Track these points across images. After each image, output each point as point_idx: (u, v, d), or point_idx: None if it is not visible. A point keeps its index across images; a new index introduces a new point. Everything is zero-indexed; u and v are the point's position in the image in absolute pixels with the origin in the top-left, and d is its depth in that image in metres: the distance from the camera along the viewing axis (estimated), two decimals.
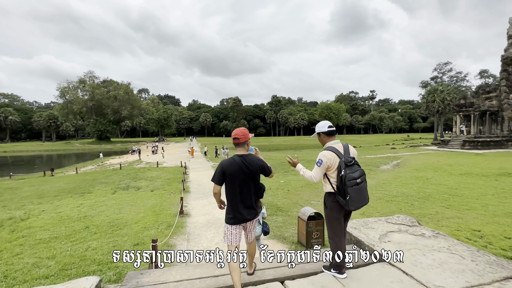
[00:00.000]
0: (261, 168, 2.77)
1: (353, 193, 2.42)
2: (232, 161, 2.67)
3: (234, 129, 2.80)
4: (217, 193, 2.76)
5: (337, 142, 2.72)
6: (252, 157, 2.79)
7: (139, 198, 9.57)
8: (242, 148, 2.73)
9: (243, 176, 2.62)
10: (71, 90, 65.76)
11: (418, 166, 16.78)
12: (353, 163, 2.53)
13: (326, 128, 2.74)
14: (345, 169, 2.46)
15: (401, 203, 8.33)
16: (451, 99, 41.16)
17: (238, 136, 2.67)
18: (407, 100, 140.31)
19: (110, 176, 16.09)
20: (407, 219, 3.29)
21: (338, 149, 2.62)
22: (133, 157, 34.43)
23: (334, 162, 2.57)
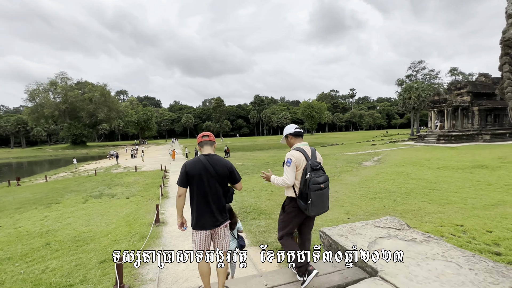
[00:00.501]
0: (229, 171, 2.54)
1: (315, 198, 2.38)
2: (197, 161, 2.46)
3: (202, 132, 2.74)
4: (181, 196, 2.51)
5: (305, 144, 2.69)
6: (219, 157, 2.59)
7: (113, 206, 8.88)
8: (209, 147, 2.56)
9: (209, 178, 2.41)
10: (41, 93, 61.81)
11: (398, 161, 17.15)
12: (319, 168, 2.50)
13: (293, 129, 2.74)
14: (310, 173, 2.42)
15: (385, 199, 8.29)
16: (425, 95, 42.94)
17: (208, 134, 2.62)
18: (385, 98, 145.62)
19: (83, 183, 15.05)
20: (396, 222, 3.06)
21: (306, 151, 2.59)
22: (111, 161, 32.83)
23: (302, 163, 2.51)
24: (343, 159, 20.02)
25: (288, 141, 2.83)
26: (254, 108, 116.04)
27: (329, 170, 14.81)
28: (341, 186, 10.58)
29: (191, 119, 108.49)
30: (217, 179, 2.45)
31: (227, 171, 2.50)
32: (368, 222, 3.13)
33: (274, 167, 17.85)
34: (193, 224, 2.53)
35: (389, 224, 3.04)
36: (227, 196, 2.58)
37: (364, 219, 6.52)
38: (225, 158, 2.76)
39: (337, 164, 17.00)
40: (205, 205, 2.44)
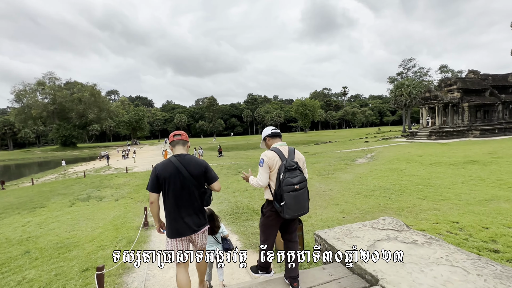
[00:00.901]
0: (204, 170, 2.35)
1: (289, 200, 2.27)
2: (168, 162, 2.27)
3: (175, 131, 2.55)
4: (154, 203, 2.28)
5: (282, 144, 2.58)
6: (192, 157, 2.38)
7: (100, 210, 8.54)
8: (181, 147, 2.38)
9: (182, 180, 2.23)
10: (28, 93, 60.06)
11: (391, 158, 17.19)
12: (294, 168, 2.36)
13: (270, 131, 2.64)
14: (284, 173, 2.32)
15: (379, 197, 8.19)
16: (416, 92, 43.44)
17: (180, 133, 2.44)
18: (377, 95, 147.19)
19: (71, 186, 14.57)
20: (394, 222, 2.89)
21: (282, 150, 2.47)
22: (101, 163, 32.11)
23: (275, 163, 2.41)
24: (336, 156, 19.99)
25: (266, 144, 2.70)
26: (248, 107, 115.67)
27: (323, 168, 14.72)
28: (335, 184, 10.47)
29: (184, 119, 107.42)
30: (191, 181, 2.26)
31: (201, 171, 2.33)
32: (365, 224, 2.95)
33: None
34: (168, 233, 2.33)
35: (388, 225, 2.86)
36: (203, 198, 2.39)
37: (359, 217, 6.39)
38: (199, 158, 2.55)
39: (330, 162, 16.92)
40: (180, 210, 2.26)
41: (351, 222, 6.17)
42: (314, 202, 8.01)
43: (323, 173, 13.26)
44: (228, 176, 14.19)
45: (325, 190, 9.59)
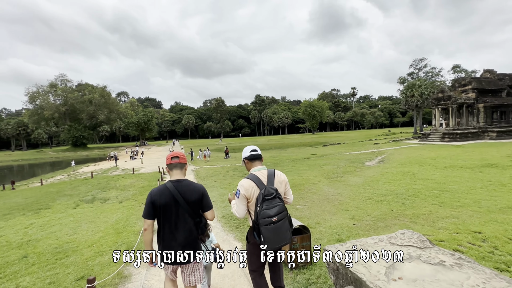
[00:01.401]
0: (201, 198, 2.24)
1: (266, 233, 2.14)
2: (164, 188, 2.16)
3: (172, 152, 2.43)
4: (147, 230, 2.19)
5: (261, 168, 2.40)
6: (190, 182, 2.27)
7: (104, 212, 8.41)
8: (178, 171, 2.26)
9: (178, 208, 2.14)
10: (41, 95, 61.62)
11: (402, 160, 16.58)
12: (273, 196, 2.21)
13: (248, 153, 2.44)
14: (261, 204, 2.17)
15: (392, 202, 7.76)
16: (428, 93, 42.24)
17: (178, 155, 2.30)
18: (387, 96, 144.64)
19: (78, 186, 14.62)
20: (415, 237, 2.55)
21: (260, 177, 2.29)
22: (110, 163, 32.44)
23: (253, 193, 2.25)
24: (345, 158, 19.47)
25: (245, 166, 2.52)
26: (255, 108, 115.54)
27: (331, 171, 14.29)
28: (345, 188, 10.05)
29: (191, 120, 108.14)
30: (187, 209, 2.17)
31: (198, 197, 2.22)
32: (382, 238, 2.61)
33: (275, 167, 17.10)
34: (160, 258, 2.27)
35: (408, 240, 2.52)
36: (199, 227, 2.30)
37: (371, 225, 6.00)
38: (197, 182, 2.41)
39: (339, 164, 16.46)
40: (173, 239, 2.18)
41: (363, 229, 5.80)
42: (322, 207, 7.65)
43: (332, 176, 12.84)
44: (234, 178, 13.94)
45: (334, 194, 9.20)
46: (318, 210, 7.40)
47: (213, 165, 21.29)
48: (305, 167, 16.28)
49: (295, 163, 18.71)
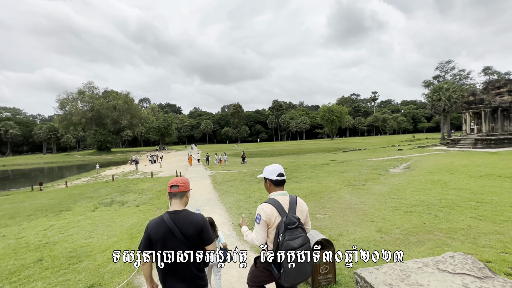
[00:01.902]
0: (200, 231, 2.05)
1: (288, 268, 1.97)
2: (160, 221, 2.02)
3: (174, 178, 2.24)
4: (145, 265, 2.08)
5: (283, 194, 2.24)
6: (189, 213, 2.09)
7: (120, 216, 8.40)
8: (178, 201, 2.10)
9: (174, 242, 1.99)
10: (70, 102, 65.41)
11: (431, 168, 15.45)
12: (296, 226, 2.05)
13: (275, 177, 2.23)
14: (284, 233, 2.01)
15: (423, 214, 7.05)
16: (457, 97, 39.77)
17: (178, 183, 2.11)
18: (410, 100, 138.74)
19: (99, 189, 14.98)
20: (469, 262, 2.08)
21: (281, 203, 2.14)
22: (131, 167, 33.41)
23: (274, 220, 2.09)
24: (367, 165, 18.54)
25: (266, 186, 2.33)
26: (272, 113, 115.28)
27: (353, 178, 13.57)
28: (368, 197, 9.40)
29: (210, 125, 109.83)
30: (185, 243, 2.01)
31: (197, 231, 2.05)
32: (426, 262, 2.17)
33: (292, 173, 16.84)
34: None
35: (461, 266, 2.06)
36: (201, 261, 2.12)
37: (401, 239, 5.41)
38: (197, 213, 2.18)
39: (361, 171, 15.65)
40: (172, 275, 2.03)
41: (392, 244, 5.23)
42: (345, 217, 7.11)
43: (354, 183, 12.16)
44: (250, 183, 13.64)
45: (356, 203, 8.60)
46: (340, 220, 6.88)
47: (230, 170, 21.14)
48: (325, 174, 15.64)
49: (313, 169, 18.09)
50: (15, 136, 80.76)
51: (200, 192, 12.05)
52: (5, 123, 79.72)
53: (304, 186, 11.78)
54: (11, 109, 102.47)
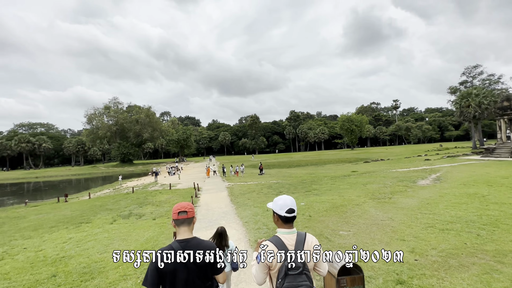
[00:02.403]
0: (214, 259, 1.92)
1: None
2: (170, 251, 1.88)
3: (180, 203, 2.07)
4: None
5: (291, 232, 1.97)
6: (201, 241, 1.97)
7: (136, 229, 8.32)
8: (186, 228, 1.98)
9: (186, 273, 1.84)
10: (97, 116, 69.22)
11: (464, 180, 14.20)
12: (299, 272, 1.80)
13: (283, 213, 1.94)
14: (283, 279, 1.78)
15: (462, 232, 6.27)
16: (488, 102, 37.21)
17: (186, 209, 1.98)
18: (435, 108, 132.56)
19: (119, 201, 15.24)
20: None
21: (286, 243, 1.90)
22: (151, 179, 34.15)
23: (275, 261, 1.86)
24: (392, 176, 17.47)
25: (273, 219, 2.09)
26: (290, 124, 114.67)
27: (377, 190, 12.74)
28: (396, 212, 8.65)
29: (227, 137, 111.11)
30: (197, 274, 1.88)
31: (210, 260, 1.92)
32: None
33: (311, 185, 16.21)
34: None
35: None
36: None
37: (440, 262, 4.75)
38: (208, 240, 2.05)
39: (386, 183, 14.71)
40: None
41: (429, 268, 4.58)
42: (371, 235, 6.50)
43: (378, 196, 11.37)
44: (268, 196, 13.22)
45: (383, 218, 7.91)
46: (366, 239, 6.28)
47: (247, 181, 20.84)
48: (346, 186, 14.88)
49: (334, 181, 17.32)
50: (47, 150, 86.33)
51: (217, 205, 11.82)
52: (39, 137, 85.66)
53: (325, 199, 11.18)
54: (45, 124, 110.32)
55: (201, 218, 9.40)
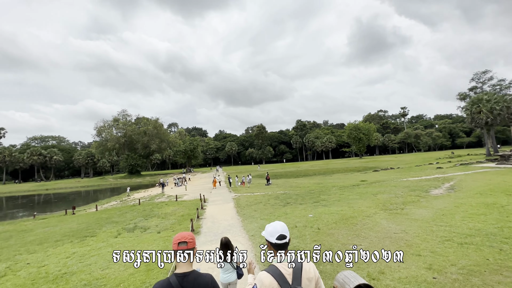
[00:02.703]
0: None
1: None
2: (167, 285, 1.80)
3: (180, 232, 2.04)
4: None
5: (287, 259, 1.90)
6: (198, 275, 1.89)
7: (141, 243, 8.14)
8: (187, 259, 1.89)
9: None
10: (106, 129, 70.60)
11: (480, 188, 13.59)
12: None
13: (274, 239, 1.90)
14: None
15: (483, 247, 5.86)
16: (500, 108, 36.26)
17: (186, 239, 1.92)
18: (445, 115, 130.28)
19: (125, 213, 15.16)
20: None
21: (283, 272, 1.82)
22: (158, 190, 34.16)
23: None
24: (403, 186, 16.91)
25: (267, 247, 2.01)
26: (297, 133, 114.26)
27: (388, 201, 12.27)
28: (410, 223, 8.23)
29: (234, 147, 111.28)
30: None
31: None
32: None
33: (320, 196, 15.81)
34: None
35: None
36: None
37: (460, 281, 4.39)
38: (206, 274, 1.95)
39: (397, 193, 14.22)
40: None
41: (448, 286, 4.22)
42: (384, 249, 6.14)
43: (390, 207, 10.93)
44: (275, 207, 12.91)
45: (396, 231, 7.53)
46: (379, 249, 5.93)
47: (254, 192, 20.54)
48: (355, 196, 14.44)
49: (343, 191, 16.87)
50: (58, 162, 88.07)
51: (222, 217, 11.58)
52: (51, 150, 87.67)
53: (334, 211, 10.81)
54: (56, 137, 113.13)
55: (207, 231, 9.17)
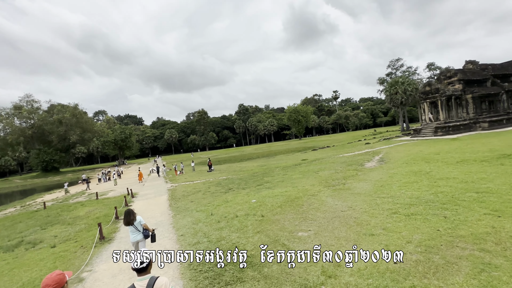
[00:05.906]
0: None
1: None
2: None
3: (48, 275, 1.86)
4: None
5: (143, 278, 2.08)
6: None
7: (17, 267, 5.70)
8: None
9: None
10: (4, 119, 56.32)
11: (404, 158, 14.79)
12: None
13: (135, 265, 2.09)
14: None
15: (429, 216, 5.62)
16: (411, 89, 41.93)
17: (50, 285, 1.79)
18: (368, 98, 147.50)
19: (19, 223, 11.58)
20: None
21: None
22: (82, 187, 28.90)
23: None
24: (341, 161, 17.50)
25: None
26: (239, 118, 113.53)
27: (330, 177, 12.17)
28: (354, 199, 7.87)
29: (174, 135, 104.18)
30: None
31: None
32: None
33: (263, 178, 15.06)
34: None
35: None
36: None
37: (423, 262, 3.75)
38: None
39: (337, 169, 14.39)
40: None
41: (415, 274, 3.49)
42: (335, 232, 5.38)
43: (332, 183, 10.68)
44: (215, 195, 11.46)
45: (343, 209, 6.97)
46: (330, 238, 5.11)
47: (194, 180, 18.65)
48: (299, 175, 14.08)
49: (286, 171, 16.49)
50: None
51: (150, 214, 9.55)
52: None
53: (278, 193, 9.97)
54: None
55: (122, 237, 7.13)
